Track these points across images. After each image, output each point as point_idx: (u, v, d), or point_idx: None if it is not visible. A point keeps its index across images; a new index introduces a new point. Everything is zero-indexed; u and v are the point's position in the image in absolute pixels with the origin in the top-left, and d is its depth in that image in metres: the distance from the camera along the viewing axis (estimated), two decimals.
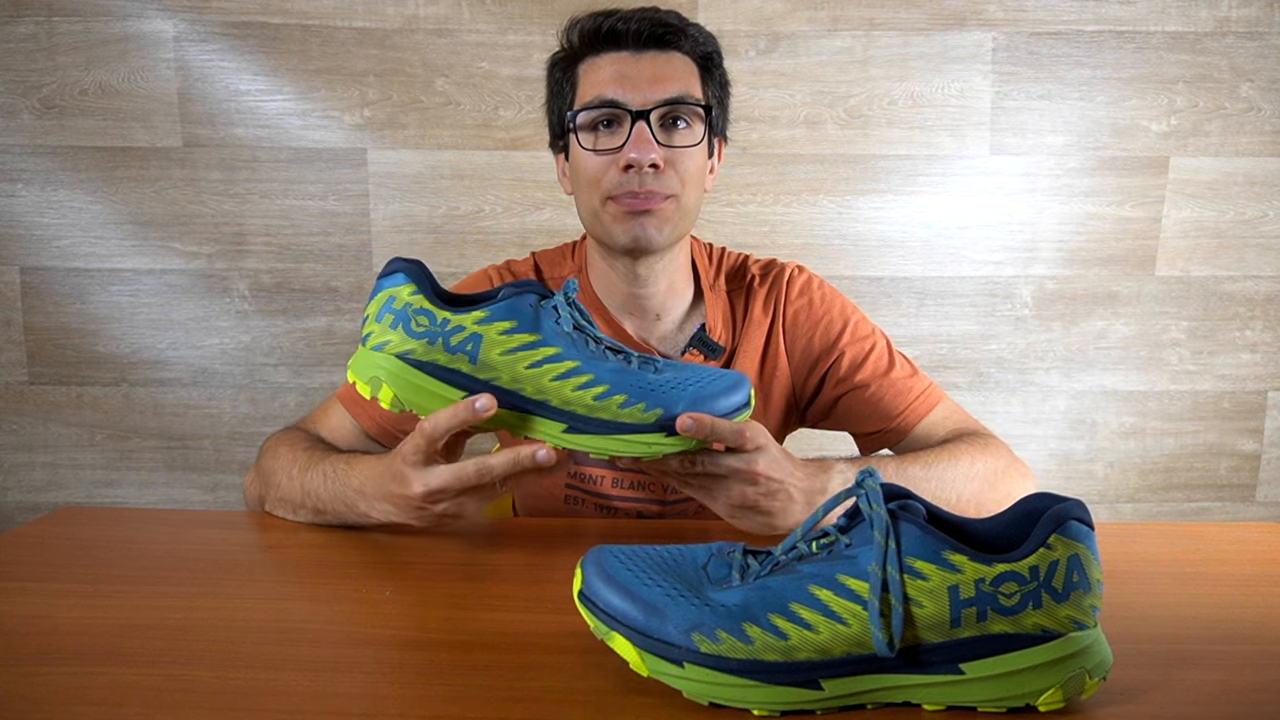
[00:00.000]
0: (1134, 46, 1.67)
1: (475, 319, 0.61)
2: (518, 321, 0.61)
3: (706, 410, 0.62)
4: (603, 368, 0.61)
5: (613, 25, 0.86)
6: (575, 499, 0.96)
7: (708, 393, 0.62)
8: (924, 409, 0.92)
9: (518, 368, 0.61)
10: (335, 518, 0.76)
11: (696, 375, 0.64)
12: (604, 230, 0.89)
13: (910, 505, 0.46)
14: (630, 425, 0.61)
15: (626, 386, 0.61)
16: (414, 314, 0.61)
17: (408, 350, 0.61)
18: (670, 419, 0.61)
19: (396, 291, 0.62)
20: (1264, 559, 0.71)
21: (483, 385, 0.61)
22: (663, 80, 0.85)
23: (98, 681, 0.49)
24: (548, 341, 0.61)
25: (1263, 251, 1.75)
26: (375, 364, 0.62)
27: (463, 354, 0.61)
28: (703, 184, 0.91)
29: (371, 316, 0.63)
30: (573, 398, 0.61)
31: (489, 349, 0.60)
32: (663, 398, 0.61)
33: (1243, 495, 1.82)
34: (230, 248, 1.71)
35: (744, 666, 0.45)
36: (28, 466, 1.78)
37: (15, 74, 1.64)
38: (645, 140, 0.83)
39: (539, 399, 0.61)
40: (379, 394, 0.62)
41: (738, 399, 0.64)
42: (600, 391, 0.61)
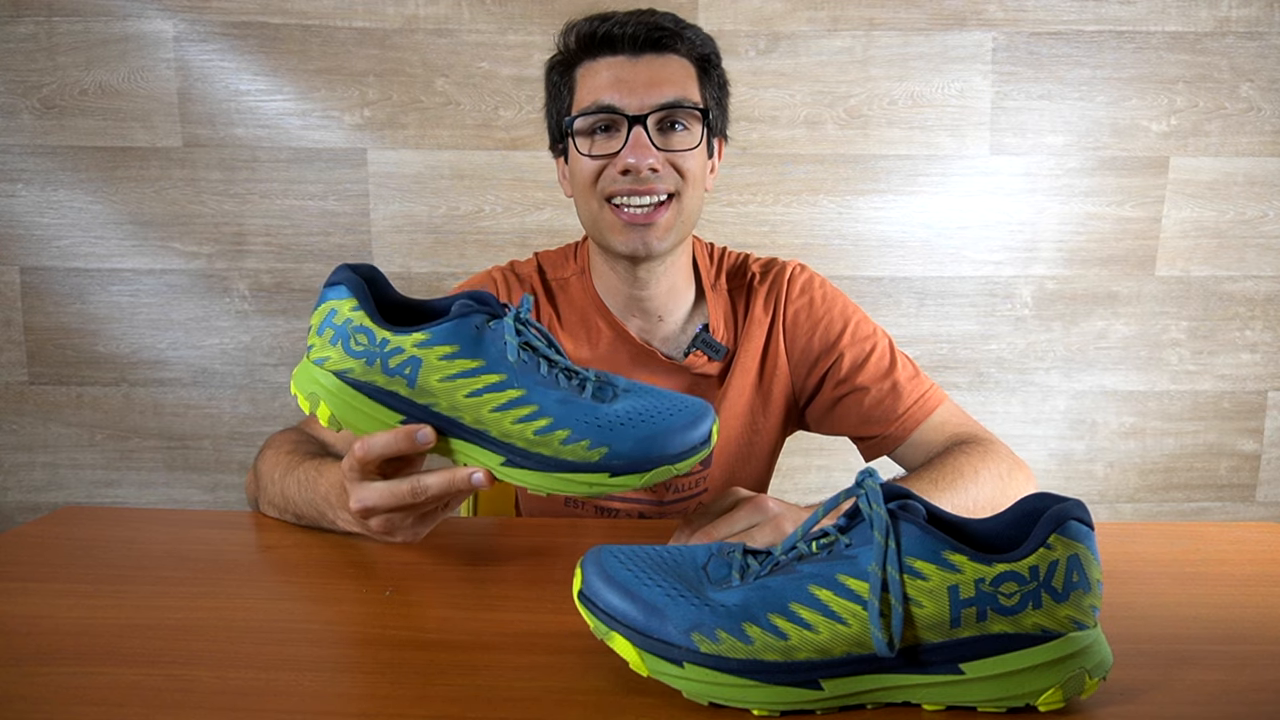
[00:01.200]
0: (1134, 46, 1.67)
1: (415, 341, 0.57)
2: (459, 346, 0.57)
3: (657, 449, 0.57)
4: (549, 397, 0.57)
5: (608, 30, 0.85)
6: (575, 502, 0.96)
7: (660, 429, 0.57)
8: (924, 412, 0.91)
9: (456, 395, 0.57)
10: (311, 523, 0.75)
11: (653, 407, 0.59)
12: (603, 237, 0.89)
13: (910, 505, 0.46)
14: (571, 463, 0.57)
15: (571, 421, 0.57)
16: (353, 331, 0.58)
17: (346, 369, 0.58)
18: (615, 458, 0.56)
19: (338, 305, 0.59)
20: (1264, 559, 0.71)
21: (420, 410, 0.58)
22: (659, 84, 0.85)
23: (98, 681, 0.49)
24: (491, 368, 0.57)
25: (1263, 251, 1.75)
26: (314, 380, 0.59)
27: (401, 377, 0.57)
28: (703, 185, 0.91)
29: (314, 328, 0.60)
30: (513, 430, 0.57)
31: (428, 374, 0.57)
32: (609, 434, 0.56)
33: (1243, 495, 1.82)
34: (230, 248, 1.71)
35: (744, 666, 0.45)
36: (28, 466, 1.78)
37: (15, 74, 1.65)
38: (643, 145, 0.83)
39: (478, 429, 0.58)
40: (317, 411, 0.60)
41: (695, 436, 0.58)
42: (542, 425, 0.56)
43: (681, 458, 0.58)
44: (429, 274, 1.72)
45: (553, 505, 0.97)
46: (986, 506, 0.77)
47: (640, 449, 0.57)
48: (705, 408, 0.60)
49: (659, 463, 0.57)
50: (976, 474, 0.80)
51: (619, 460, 0.57)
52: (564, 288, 0.98)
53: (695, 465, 0.60)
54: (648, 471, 0.57)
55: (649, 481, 0.58)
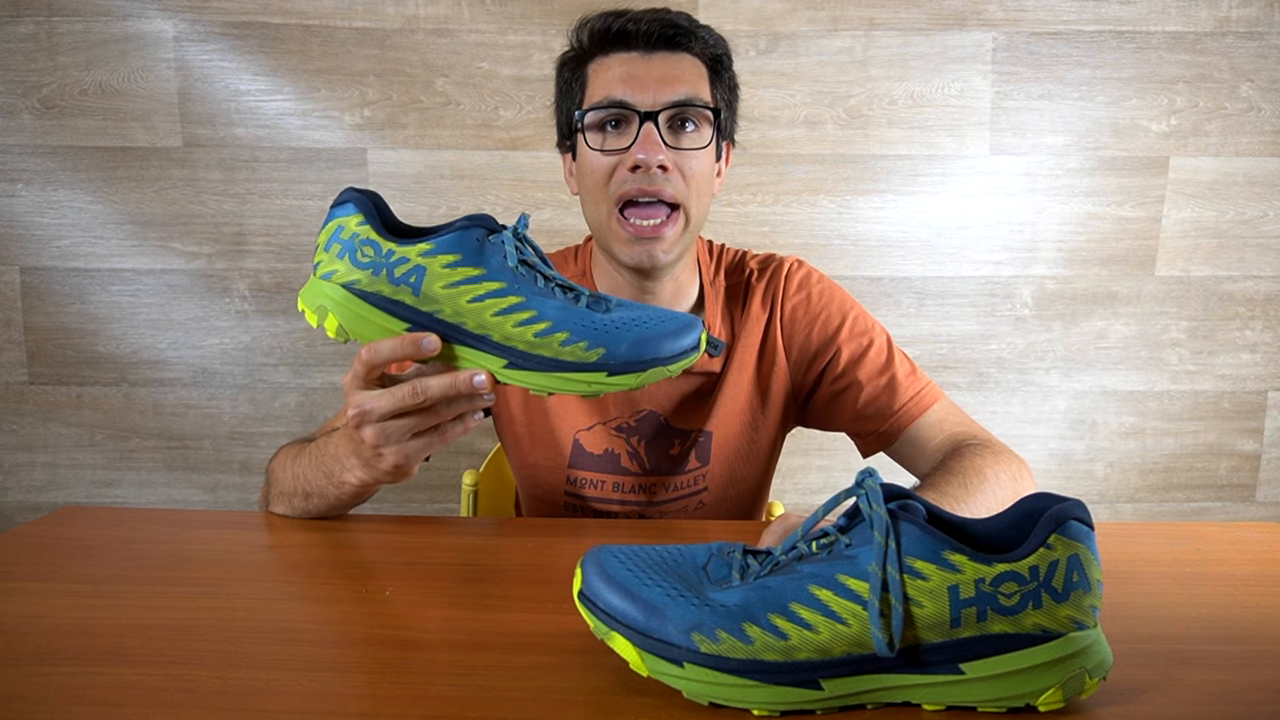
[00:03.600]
0: (1134, 46, 1.67)
1: (420, 251, 0.60)
2: (462, 255, 0.60)
3: (651, 351, 0.61)
4: (547, 304, 0.60)
5: (623, 26, 0.85)
6: (574, 506, 0.96)
7: (654, 333, 0.61)
8: (919, 409, 0.91)
9: (460, 301, 0.60)
10: (320, 497, 0.75)
11: (646, 315, 0.63)
12: (610, 245, 0.89)
13: (910, 505, 0.46)
14: (570, 363, 0.60)
15: (569, 324, 0.60)
16: (360, 244, 0.61)
17: (353, 280, 0.61)
18: (612, 358, 0.60)
19: (345, 221, 0.61)
20: (1264, 559, 0.71)
21: (425, 317, 0.61)
22: (672, 82, 0.85)
23: (98, 681, 0.49)
24: (492, 276, 0.60)
25: (1263, 251, 1.75)
26: (322, 293, 0.62)
27: (406, 286, 0.60)
28: (710, 189, 0.91)
29: (321, 245, 0.63)
30: (514, 333, 0.60)
31: (432, 281, 0.60)
32: (606, 337, 0.60)
33: (1243, 495, 1.82)
34: (230, 248, 1.71)
35: (744, 666, 0.45)
36: (28, 466, 1.78)
37: (15, 74, 1.65)
38: (653, 141, 0.83)
39: (480, 333, 0.61)
40: (325, 322, 0.62)
41: (686, 341, 0.62)
42: (542, 328, 0.60)
43: (674, 360, 0.62)
44: None
45: (552, 506, 0.97)
46: (1003, 501, 0.77)
47: (635, 350, 0.60)
48: (694, 319, 0.64)
49: (652, 364, 0.61)
50: (997, 476, 0.79)
51: (615, 360, 0.60)
52: None
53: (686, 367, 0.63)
54: (643, 372, 0.61)
55: (644, 381, 0.61)
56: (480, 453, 1.30)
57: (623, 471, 0.95)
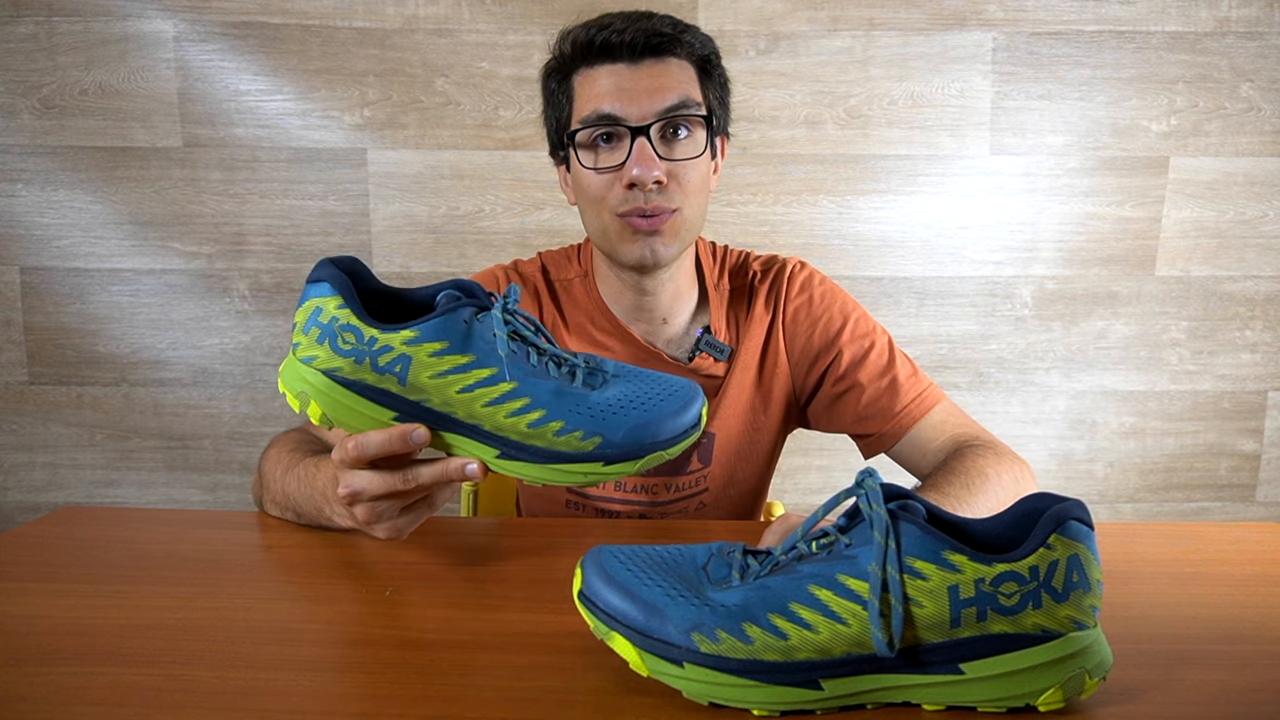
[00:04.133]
0: (1134, 46, 1.67)
1: (404, 339, 0.56)
2: (449, 342, 0.57)
3: (649, 437, 0.58)
4: (541, 388, 0.57)
5: (606, 38, 0.83)
6: (575, 504, 0.96)
7: (652, 416, 0.58)
8: (921, 410, 0.91)
9: (448, 391, 0.57)
10: (310, 520, 0.75)
11: (644, 393, 0.60)
12: (611, 247, 0.88)
13: (910, 505, 0.46)
14: (567, 454, 0.58)
15: (564, 412, 0.57)
16: (340, 330, 0.57)
17: (335, 368, 0.58)
18: (609, 447, 0.57)
19: (323, 303, 0.58)
20: (1264, 559, 0.71)
21: (412, 406, 0.58)
22: (660, 90, 0.83)
23: (98, 681, 0.49)
24: (481, 363, 0.57)
25: (1263, 251, 1.75)
26: (303, 378, 0.59)
27: (391, 375, 0.57)
28: (707, 191, 0.90)
29: (299, 325, 0.59)
30: (506, 424, 0.57)
31: (418, 371, 0.57)
32: (602, 424, 0.57)
33: (1243, 495, 1.82)
34: (230, 248, 1.71)
35: (744, 666, 0.45)
36: (28, 466, 1.78)
37: (15, 74, 1.65)
38: (647, 157, 0.82)
39: (471, 423, 0.58)
40: (308, 410, 0.59)
41: (686, 420, 0.60)
42: (535, 418, 0.57)
43: (673, 443, 0.59)
44: (429, 274, 1.72)
45: (553, 506, 0.97)
46: (1006, 502, 0.76)
47: (632, 437, 0.58)
48: (694, 390, 0.61)
49: (651, 449, 0.58)
50: (999, 477, 0.79)
51: (612, 449, 0.58)
52: (568, 289, 0.98)
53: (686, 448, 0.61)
54: (640, 459, 0.58)
55: (642, 468, 0.59)
56: None
57: None
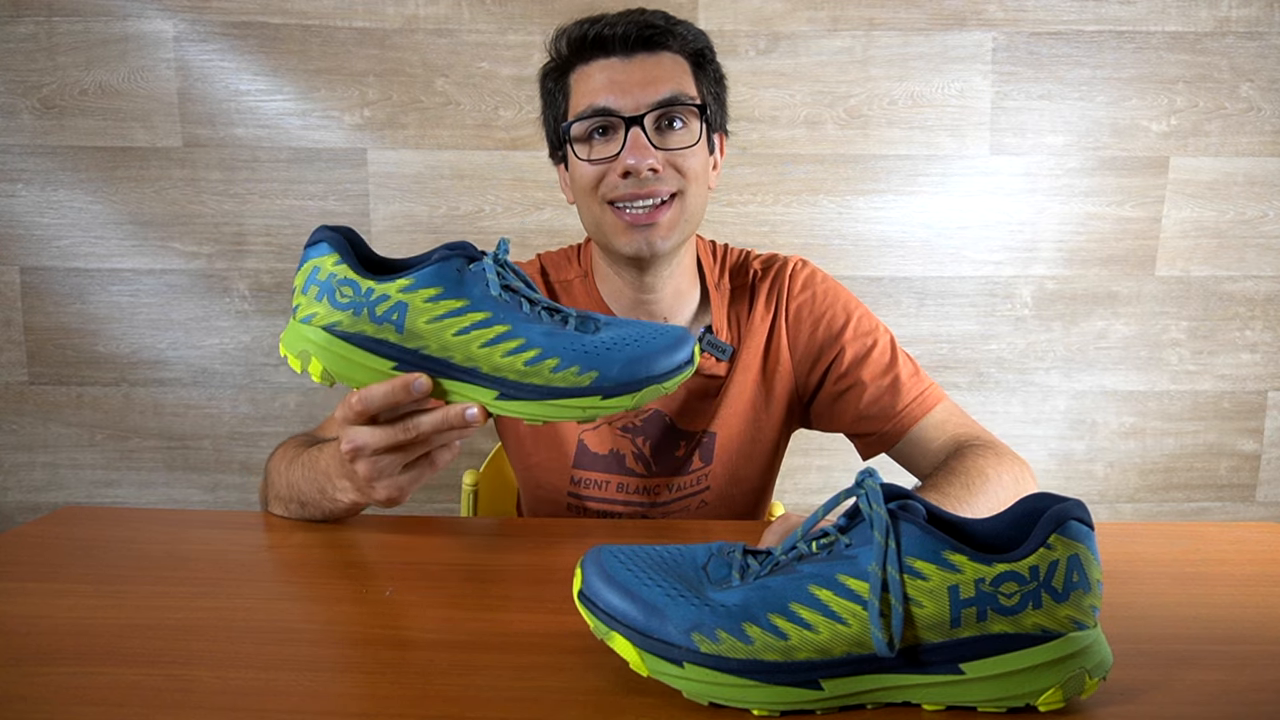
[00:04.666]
0: (1134, 46, 1.67)
1: (400, 287, 0.58)
2: (443, 288, 0.58)
3: (644, 370, 0.60)
4: (535, 330, 0.59)
5: (599, 32, 0.85)
6: (577, 507, 0.96)
7: (646, 351, 0.60)
8: (922, 410, 0.91)
9: (445, 335, 0.59)
10: (315, 508, 0.75)
11: (636, 333, 0.61)
12: (607, 240, 0.89)
13: (910, 505, 0.46)
14: (563, 389, 0.59)
15: (559, 350, 0.59)
16: (338, 284, 0.59)
17: (334, 322, 0.59)
18: (606, 381, 0.59)
19: (320, 262, 0.60)
20: (1264, 559, 0.71)
21: (411, 354, 0.59)
22: (654, 82, 0.84)
23: (98, 681, 0.49)
24: (475, 306, 0.59)
25: (1263, 251, 1.75)
26: (303, 337, 0.60)
27: (389, 323, 0.59)
28: (706, 182, 0.90)
29: (298, 288, 0.61)
30: (503, 364, 0.59)
31: (415, 317, 0.58)
32: (598, 360, 0.59)
33: (1243, 495, 1.82)
34: (230, 248, 1.71)
35: (744, 666, 0.45)
36: (28, 466, 1.78)
37: (15, 74, 1.65)
38: (641, 145, 0.83)
39: (469, 366, 0.59)
40: (309, 367, 0.61)
41: (679, 357, 0.61)
42: (531, 356, 0.59)
43: (668, 377, 0.61)
44: None
45: (555, 507, 0.97)
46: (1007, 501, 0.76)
47: (628, 371, 0.59)
48: (685, 333, 0.63)
49: (647, 383, 0.60)
50: (999, 477, 0.79)
51: (609, 383, 0.59)
52: (567, 290, 0.98)
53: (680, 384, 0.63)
54: (638, 391, 0.60)
55: (640, 401, 0.60)
56: (480, 453, 1.29)
57: (627, 472, 0.95)
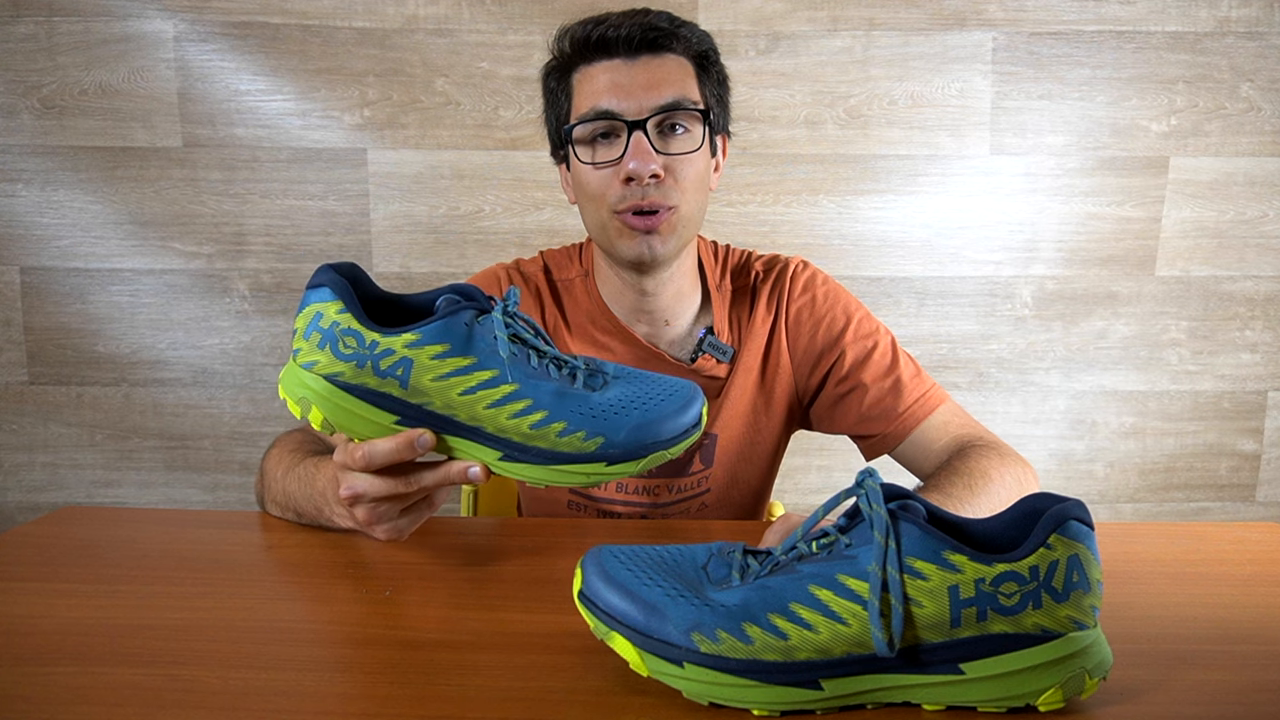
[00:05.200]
0: (1134, 46, 1.67)
1: (405, 342, 0.57)
2: (450, 345, 0.57)
3: (651, 436, 0.58)
4: (542, 389, 0.58)
5: (603, 33, 0.84)
6: (577, 505, 0.96)
7: (653, 416, 0.59)
8: (924, 411, 0.91)
9: (451, 394, 0.57)
10: (311, 520, 0.75)
11: (644, 394, 0.60)
12: (610, 244, 0.88)
13: (910, 505, 0.46)
14: (569, 455, 0.58)
15: (566, 413, 0.57)
16: (341, 334, 0.57)
17: (336, 373, 0.58)
18: (611, 447, 0.58)
19: (323, 308, 0.58)
20: (1264, 559, 0.71)
21: (415, 410, 0.58)
22: (657, 86, 0.84)
23: (98, 681, 0.49)
24: (483, 365, 0.57)
25: (1263, 251, 1.75)
26: (304, 384, 0.59)
27: (393, 378, 0.57)
28: (706, 187, 0.90)
29: (299, 331, 0.60)
30: (509, 425, 0.58)
31: (420, 374, 0.57)
32: (604, 424, 0.58)
33: (1243, 495, 1.82)
34: (230, 248, 1.71)
35: (744, 666, 0.45)
36: (28, 466, 1.78)
37: (15, 74, 1.65)
38: (644, 151, 0.82)
39: (473, 425, 0.58)
40: (309, 415, 0.59)
41: (687, 420, 0.60)
42: (539, 419, 0.57)
43: (674, 442, 0.59)
44: (429, 274, 1.72)
45: (554, 506, 0.97)
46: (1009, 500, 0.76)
47: (634, 437, 0.58)
48: (694, 390, 0.61)
49: (653, 449, 0.59)
50: (1002, 478, 0.79)
51: (615, 449, 0.58)
52: (569, 289, 0.98)
53: (687, 449, 0.61)
54: (643, 459, 0.59)
55: (644, 468, 0.59)
56: None
57: None
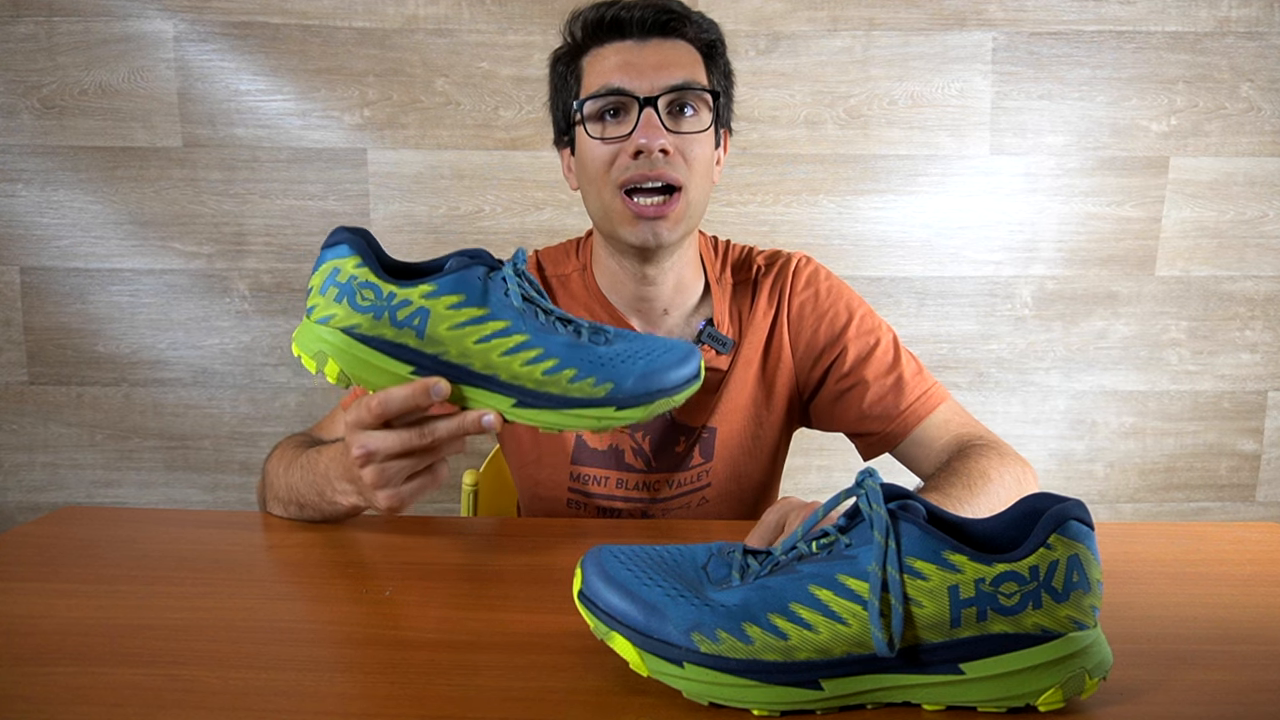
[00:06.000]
0: (1134, 46, 1.67)
1: (422, 293, 0.59)
2: (466, 295, 0.60)
3: (657, 383, 0.62)
4: (553, 341, 0.61)
5: (616, 14, 0.86)
6: (577, 503, 0.96)
7: (658, 365, 0.62)
8: (926, 409, 0.91)
9: (466, 342, 0.60)
10: (314, 510, 0.76)
11: (646, 347, 0.64)
12: (613, 228, 0.89)
13: (910, 505, 0.46)
14: (580, 400, 0.60)
15: (577, 360, 0.60)
16: (359, 287, 0.60)
17: (353, 325, 0.60)
18: (620, 392, 0.61)
19: (341, 263, 0.60)
20: (1264, 559, 0.71)
21: (430, 359, 0.60)
22: (669, 66, 0.85)
23: (98, 681, 0.49)
24: (496, 315, 0.60)
25: (1263, 251, 1.75)
26: (320, 338, 0.61)
27: (410, 328, 0.59)
28: (710, 175, 0.91)
29: (315, 288, 0.61)
30: (522, 372, 0.60)
31: (437, 323, 0.59)
32: (612, 371, 0.61)
33: (1243, 495, 1.82)
34: (230, 248, 1.71)
35: (744, 666, 0.45)
36: (28, 466, 1.78)
37: (15, 74, 1.64)
38: (654, 126, 0.84)
39: (488, 373, 0.60)
40: (325, 369, 0.61)
41: (688, 371, 0.64)
42: (550, 366, 0.60)
43: (678, 390, 0.63)
44: None
45: (554, 505, 0.97)
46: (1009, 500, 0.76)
47: (642, 383, 0.61)
48: (692, 348, 0.65)
49: (658, 395, 0.62)
50: (1001, 478, 0.79)
51: (623, 394, 0.61)
52: (565, 284, 0.98)
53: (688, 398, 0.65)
54: (649, 404, 0.62)
55: (651, 414, 0.62)
56: (480, 453, 1.30)
57: (627, 468, 0.95)
